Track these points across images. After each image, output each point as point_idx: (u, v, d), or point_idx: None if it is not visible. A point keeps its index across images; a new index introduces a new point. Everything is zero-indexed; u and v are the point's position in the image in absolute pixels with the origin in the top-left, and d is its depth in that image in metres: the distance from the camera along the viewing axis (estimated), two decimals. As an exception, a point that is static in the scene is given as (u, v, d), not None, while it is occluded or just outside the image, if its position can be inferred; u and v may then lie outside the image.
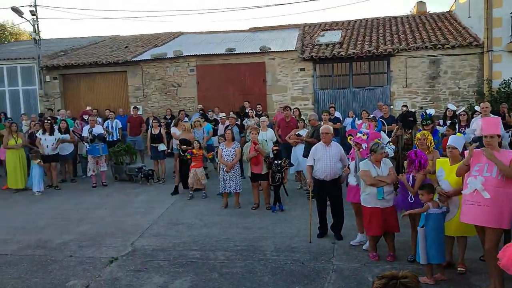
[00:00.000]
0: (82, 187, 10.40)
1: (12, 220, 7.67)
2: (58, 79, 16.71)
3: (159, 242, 6.27)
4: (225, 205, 8.06)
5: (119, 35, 23.32)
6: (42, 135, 10.06)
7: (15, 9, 15.79)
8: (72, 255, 5.81)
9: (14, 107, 17.05)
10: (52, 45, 20.40)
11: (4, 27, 34.73)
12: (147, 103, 15.99)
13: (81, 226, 7.14)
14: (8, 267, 5.46)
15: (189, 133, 9.50)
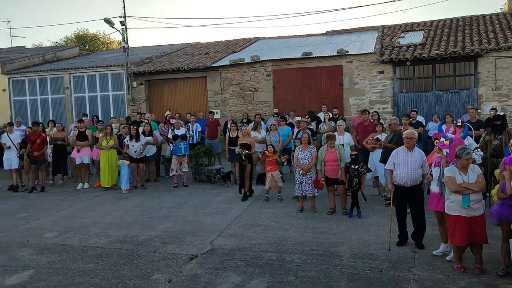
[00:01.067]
0: (165, 187, 10.97)
1: (103, 216, 8.28)
2: (144, 85, 17.76)
3: (236, 242, 6.42)
4: (301, 209, 8.06)
5: (200, 42, 24.26)
6: (129, 141, 10.74)
7: (107, 20, 17.05)
8: (156, 251, 6.14)
9: (105, 110, 18.39)
10: (139, 53, 21.77)
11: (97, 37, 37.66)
12: (225, 107, 16.46)
13: (164, 224, 7.53)
14: (99, 259, 5.90)
15: (249, 137, 9.55)
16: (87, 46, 33.45)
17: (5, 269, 5.63)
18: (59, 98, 19.20)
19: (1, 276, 5.39)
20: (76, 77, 18.95)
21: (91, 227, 7.50)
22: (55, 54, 23.67)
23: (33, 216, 8.46)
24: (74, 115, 18.32)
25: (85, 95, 18.88)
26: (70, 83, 18.92)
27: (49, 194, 10.56)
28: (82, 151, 11.21)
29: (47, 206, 9.26)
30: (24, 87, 19.69)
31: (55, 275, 5.38)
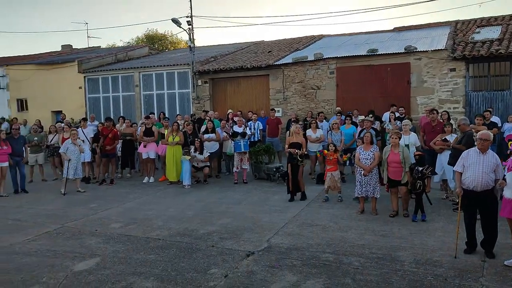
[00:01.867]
0: (225, 183, 11.15)
1: (166, 209, 8.57)
2: (208, 83, 18.16)
3: (293, 241, 6.37)
4: (361, 210, 7.83)
5: (263, 41, 24.39)
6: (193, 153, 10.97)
7: (174, 20, 17.63)
8: (213, 245, 6.24)
9: (171, 108, 19.04)
10: (204, 52, 22.30)
11: (165, 37, 39.08)
12: (286, 105, 16.41)
13: (222, 219, 7.64)
14: (160, 251, 6.10)
15: (300, 137, 9.30)
16: (156, 45, 34.84)
17: (75, 255, 5.99)
18: (129, 95, 20.16)
19: (71, 262, 5.74)
20: (145, 75, 19.79)
21: (154, 219, 7.79)
22: (126, 53, 24.87)
23: (102, 206, 8.94)
24: (143, 112, 19.15)
25: (153, 93, 19.66)
26: (139, 81, 19.79)
27: (117, 187, 11.11)
28: (148, 147, 11.68)
29: (115, 198, 9.76)
30: (98, 85, 20.90)
31: (119, 264, 5.63)
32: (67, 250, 6.23)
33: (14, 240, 6.79)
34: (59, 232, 7.16)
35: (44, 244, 6.52)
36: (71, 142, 10.44)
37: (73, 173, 10.40)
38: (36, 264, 5.68)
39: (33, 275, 5.33)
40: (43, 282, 5.12)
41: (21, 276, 5.29)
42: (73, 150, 10.39)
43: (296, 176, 8.89)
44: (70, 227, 7.44)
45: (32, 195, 10.39)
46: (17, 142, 10.72)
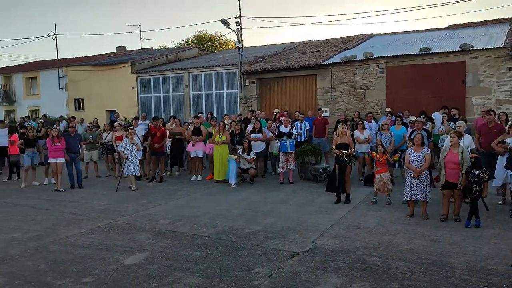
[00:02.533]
0: (271, 183, 11.16)
1: (212, 207, 8.70)
2: (256, 83, 18.26)
3: (339, 243, 6.27)
4: (411, 214, 7.58)
5: (312, 40, 24.21)
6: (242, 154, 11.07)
7: (223, 21, 17.87)
8: (258, 245, 6.26)
9: (219, 108, 19.32)
10: (252, 52, 22.43)
11: (215, 38, 39.70)
12: (334, 105, 16.20)
13: (268, 219, 7.65)
14: (206, 248, 6.20)
15: (346, 137, 9.06)
16: (205, 46, 35.45)
17: (125, 249, 6.22)
18: (179, 95, 20.66)
19: (122, 256, 5.96)
20: (194, 76, 20.21)
21: (200, 217, 7.93)
22: (177, 54, 25.50)
23: (152, 203, 9.22)
24: (192, 112, 19.55)
25: (202, 93, 20.04)
26: (189, 82, 20.23)
27: (166, 184, 11.41)
28: (196, 145, 11.91)
29: (164, 195, 10.02)
30: (149, 85, 21.57)
31: (167, 259, 5.78)
32: (118, 244, 6.47)
33: (70, 232, 7.14)
34: (111, 227, 7.45)
35: (97, 238, 6.81)
36: (128, 141, 10.81)
37: (132, 171, 10.73)
38: (89, 256, 5.94)
39: (86, 266, 5.58)
40: (95, 274, 5.34)
41: (75, 267, 5.55)
42: (130, 148, 10.76)
43: (343, 177, 8.73)
44: (121, 222, 7.73)
45: (86, 190, 10.88)
46: (74, 139, 11.27)
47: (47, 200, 9.88)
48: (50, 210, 8.89)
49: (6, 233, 7.23)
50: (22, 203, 9.57)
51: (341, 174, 8.73)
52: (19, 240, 6.80)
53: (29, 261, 5.84)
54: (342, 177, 8.73)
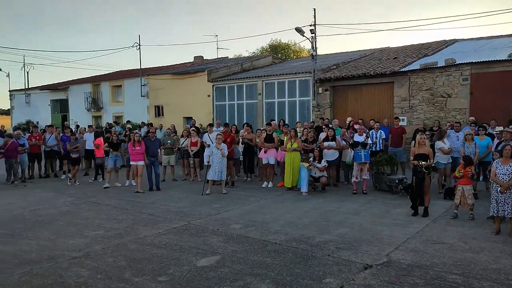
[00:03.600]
0: (343, 192, 10.92)
1: (283, 214, 8.68)
2: (329, 91, 18.06)
3: (415, 258, 5.96)
4: (497, 231, 7.01)
5: (389, 47, 23.50)
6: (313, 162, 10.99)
7: (298, 29, 17.91)
8: (330, 255, 6.14)
9: (291, 115, 19.34)
10: (326, 60, 22.24)
11: (289, 46, 39.91)
12: (412, 114, 15.55)
13: (340, 229, 7.48)
14: (276, 254, 6.19)
15: (426, 147, 8.54)
16: (279, 55, 35.74)
17: (198, 251, 6.39)
18: (252, 103, 20.99)
19: (195, 257, 6.12)
20: (268, 83, 20.43)
21: (271, 223, 7.94)
22: (251, 63, 25.97)
23: (224, 207, 9.41)
24: (264, 119, 19.76)
25: (274, 101, 20.20)
26: (262, 90, 20.50)
27: (238, 189, 11.59)
28: (268, 152, 11.99)
29: (236, 200, 10.19)
30: (224, 93, 22.15)
31: (237, 263, 5.85)
32: (191, 245, 6.67)
33: (147, 232, 7.49)
34: (185, 229, 7.70)
35: (172, 239, 7.07)
36: (215, 146, 11.14)
37: (218, 176, 11.03)
38: (164, 256, 6.18)
39: (162, 266, 5.81)
40: (169, 273, 5.54)
41: (151, 266, 5.80)
42: (216, 153, 11.08)
43: (421, 190, 8.31)
44: (195, 225, 7.96)
45: (164, 193, 11.36)
46: (154, 144, 11.85)
47: (127, 200, 10.46)
48: (130, 210, 9.39)
49: (92, 230, 7.75)
50: (105, 203, 10.22)
51: (419, 186, 8.32)
52: (102, 237, 7.25)
53: (110, 258, 6.20)
54: (420, 189, 8.31)
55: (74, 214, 9.12)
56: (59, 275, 5.53)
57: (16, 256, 6.34)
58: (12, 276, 5.53)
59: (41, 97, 33.37)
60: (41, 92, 33.59)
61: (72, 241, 7.08)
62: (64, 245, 6.86)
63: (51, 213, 9.24)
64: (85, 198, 10.87)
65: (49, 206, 9.93)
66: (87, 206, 9.87)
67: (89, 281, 5.31)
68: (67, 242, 7.02)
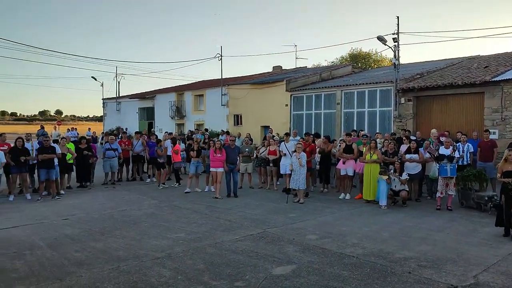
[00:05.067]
0: (426, 208, 10.39)
1: (360, 227, 8.46)
2: (412, 101, 17.35)
3: (508, 282, 5.49)
4: None
5: (479, 55, 22.10)
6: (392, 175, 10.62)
7: (380, 38, 17.47)
8: (411, 272, 5.86)
9: (371, 126, 18.83)
10: (409, 69, 21.43)
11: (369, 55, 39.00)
12: (504, 127, 14.43)
13: (422, 246, 7.13)
14: (354, 268, 6.04)
15: None
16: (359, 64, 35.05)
17: (274, 259, 6.43)
18: (330, 113, 20.78)
19: (270, 265, 6.17)
20: (347, 93, 20.12)
21: (348, 236, 7.77)
22: (330, 72, 25.75)
23: (300, 217, 9.38)
24: (342, 129, 19.45)
25: (353, 111, 19.82)
26: (341, 99, 20.22)
27: (314, 200, 11.48)
28: (347, 163, 11.78)
29: (312, 210, 10.12)
30: (302, 102, 22.17)
31: (313, 274, 5.79)
32: (267, 253, 6.73)
33: (225, 238, 7.68)
34: (261, 236, 7.79)
35: (248, 245, 7.18)
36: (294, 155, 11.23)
37: (295, 184, 11.08)
38: (241, 262, 6.30)
39: (239, 271, 5.92)
40: (246, 279, 5.63)
41: (228, 271, 5.94)
42: (294, 162, 11.15)
43: (510, 209, 7.66)
44: (270, 233, 8.02)
45: (241, 200, 11.59)
46: (233, 151, 12.17)
47: (206, 206, 10.82)
48: (208, 215, 9.71)
49: (174, 232, 8.12)
50: (186, 207, 10.65)
51: (509, 205, 7.68)
52: (183, 240, 7.56)
53: (190, 260, 6.44)
54: (509, 209, 7.67)
55: (157, 216, 9.62)
56: (143, 274, 5.86)
57: (105, 253, 6.83)
58: (102, 271, 5.96)
59: (130, 105, 35.76)
60: (130, 100, 36.00)
61: (155, 242, 7.47)
62: (148, 245, 7.26)
63: (137, 214, 9.83)
64: (168, 201, 11.42)
65: (135, 208, 10.58)
66: (170, 210, 10.36)
67: (170, 281, 5.57)
68: (151, 242, 7.42)
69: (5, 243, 7.45)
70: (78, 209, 10.38)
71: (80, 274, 5.86)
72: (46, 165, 11.60)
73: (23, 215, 9.71)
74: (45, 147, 11.80)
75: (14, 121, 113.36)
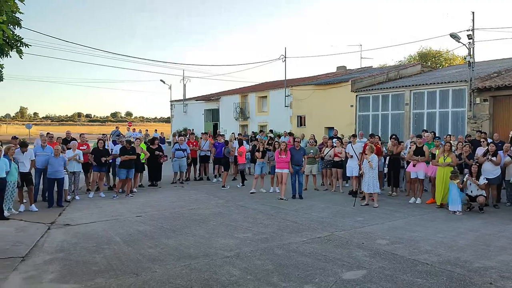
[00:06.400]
0: (505, 215, 9.76)
1: (433, 233, 8.08)
2: (488, 101, 16.35)
3: None
4: None
5: None
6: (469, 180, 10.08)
7: (453, 36, 16.62)
8: (492, 283, 5.51)
9: (442, 127, 17.97)
10: (485, 67, 20.21)
11: (440, 53, 37.25)
12: None
13: (503, 255, 6.67)
14: (428, 276, 5.77)
15: None
16: (429, 63, 33.57)
17: (343, 263, 6.31)
18: (398, 114, 20.07)
19: (340, 269, 6.06)
20: (416, 93, 19.34)
21: (420, 242, 7.46)
22: (398, 72, 24.89)
23: (368, 221, 9.15)
24: (411, 131, 18.72)
25: (423, 111, 19.02)
26: (410, 100, 19.46)
27: (383, 204, 11.11)
28: (417, 166, 11.32)
29: (380, 214, 9.82)
30: (368, 103, 21.61)
31: (385, 281, 5.61)
32: (336, 257, 6.62)
33: (292, 239, 7.67)
34: (329, 239, 7.69)
35: (316, 248, 7.11)
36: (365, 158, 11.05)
37: (366, 187, 10.89)
38: (310, 265, 6.25)
39: (308, 274, 5.88)
40: (315, 282, 5.58)
41: (297, 273, 5.92)
42: (365, 164, 10.95)
43: None
44: (338, 236, 7.89)
45: (306, 202, 11.52)
46: (299, 153, 12.12)
47: (272, 206, 10.86)
48: (274, 216, 9.74)
49: (241, 232, 8.23)
50: (252, 207, 10.76)
51: None
52: (250, 240, 7.64)
53: (258, 260, 6.49)
54: None
55: (224, 215, 9.80)
56: (213, 272, 5.99)
57: (177, 250, 7.06)
58: (175, 268, 6.17)
59: (196, 106, 36.82)
60: (196, 102, 37.05)
61: (223, 240, 7.62)
62: (217, 244, 7.41)
63: (205, 213, 10.08)
64: (234, 201, 11.61)
65: (203, 207, 10.85)
66: (236, 209, 10.52)
67: (240, 281, 5.64)
68: (219, 241, 7.58)
69: (86, 237, 7.95)
70: (150, 207, 10.84)
71: (155, 269, 6.11)
72: (126, 165, 12.19)
73: (100, 211, 10.31)
74: (126, 148, 12.38)
75: (89, 122, 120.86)
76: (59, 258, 6.65)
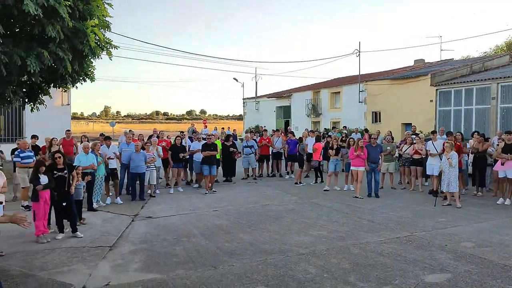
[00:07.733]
0: None
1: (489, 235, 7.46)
2: None
3: None
4: None
5: None
6: None
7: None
8: None
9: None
10: None
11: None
12: None
13: None
14: (521, 284, 5.34)
15: None
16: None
17: (425, 266, 6.01)
18: (483, 108, 18.76)
19: (421, 271, 5.79)
20: (504, 86, 17.94)
21: (511, 246, 6.90)
22: (482, 64, 23.27)
23: (451, 222, 8.65)
24: (498, 127, 17.41)
25: (512, 106, 17.59)
26: (497, 93, 18.10)
27: (466, 204, 10.46)
28: (506, 164, 10.49)
29: (464, 215, 9.25)
30: (449, 97, 20.41)
31: (472, 286, 5.26)
32: (416, 259, 6.33)
33: (369, 239, 7.45)
34: (408, 240, 7.37)
35: (395, 249, 6.85)
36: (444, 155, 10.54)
37: (446, 187, 10.39)
38: (388, 265, 6.03)
39: (387, 275, 5.68)
40: (395, 284, 5.37)
41: (376, 273, 5.73)
42: (444, 161, 10.43)
43: None
44: (419, 237, 7.54)
45: (382, 200, 11.15)
46: (375, 150, 11.75)
47: (346, 205, 10.64)
48: (349, 214, 9.53)
49: (316, 230, 8.16)
50: (326, 205, 10.62)
51: None
52: (325, 238, 7.55)
53: (334, 259, 6.39)
54: None
55: (298, 212, 9.77)
56: (289, 268, 5.98)
57: (252, 245, 7.16)
58: (251, 262, 6.26)
59: (267, 104, 37.05)
60: (267, 99, 37.30)
61: (298, 237, 7.59)
62: (291, 240, 7.41)
63: (279, 209, 10.12)
64: (307, 198, 11.53)
65: (277, 203, 10.90)
66: (310, 207, 10.44)
67: (317, 278, 5.58)
68: (293, 238, 7.56)
69: (166, 229, 8.32)
70: (226, 202, 11.10)
71: (232, 263, 6.24)
72: (209, 161, 12.52)
73: (179, 205, 10.73)
74: (208, 144, 12.73)
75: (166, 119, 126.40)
76: (143, 249, 7.02)
